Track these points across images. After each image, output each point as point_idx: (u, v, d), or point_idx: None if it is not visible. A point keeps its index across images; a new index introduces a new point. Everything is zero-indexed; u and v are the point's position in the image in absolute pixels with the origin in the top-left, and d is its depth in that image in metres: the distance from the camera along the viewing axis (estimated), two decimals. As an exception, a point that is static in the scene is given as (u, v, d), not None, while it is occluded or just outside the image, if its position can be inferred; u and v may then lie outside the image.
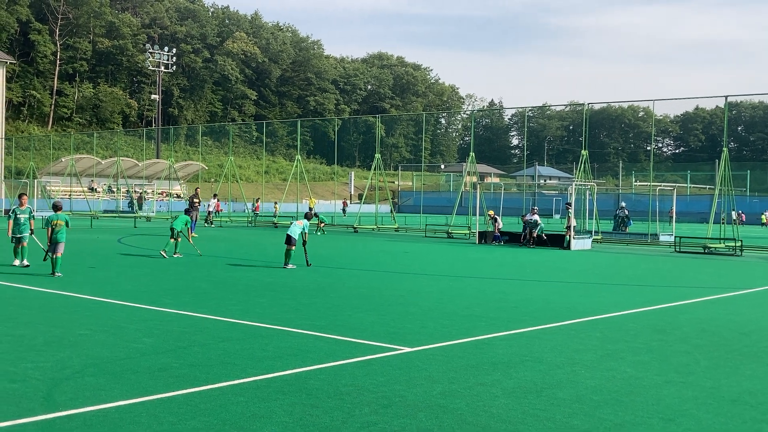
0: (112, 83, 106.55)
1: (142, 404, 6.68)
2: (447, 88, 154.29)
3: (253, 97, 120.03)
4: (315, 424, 6.25)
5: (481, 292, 15.53)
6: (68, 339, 9.57)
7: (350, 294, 14.56)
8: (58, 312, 11.70)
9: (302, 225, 19.52)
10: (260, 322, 11.07)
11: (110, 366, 8.12)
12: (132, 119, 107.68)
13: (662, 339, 10.52)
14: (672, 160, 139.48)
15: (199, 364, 8.30)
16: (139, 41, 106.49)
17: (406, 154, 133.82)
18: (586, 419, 6.61)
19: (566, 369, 8.50)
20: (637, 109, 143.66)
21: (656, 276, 20.18)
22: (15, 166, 71.85)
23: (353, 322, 11.31)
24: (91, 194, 66.65)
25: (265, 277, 17.20)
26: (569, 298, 14.85)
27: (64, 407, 6.52)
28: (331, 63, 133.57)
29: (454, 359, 8.87)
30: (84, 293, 13.76)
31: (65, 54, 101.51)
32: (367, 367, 8.37)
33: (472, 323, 11.45)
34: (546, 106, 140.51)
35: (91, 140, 78.33)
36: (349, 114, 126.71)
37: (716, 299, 15.32)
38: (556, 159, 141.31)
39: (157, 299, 13.16)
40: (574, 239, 29.18)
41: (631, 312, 13.03)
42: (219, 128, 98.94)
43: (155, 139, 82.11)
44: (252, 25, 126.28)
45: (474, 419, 6.51)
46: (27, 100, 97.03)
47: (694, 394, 7.54)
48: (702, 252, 28.73)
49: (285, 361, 8.49)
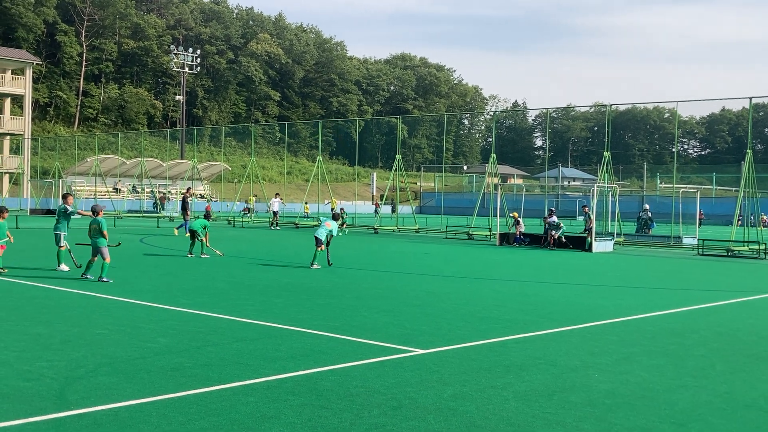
0: (137, 84, 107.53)
1: (153, 404, 6.72)
2: (470, 89, 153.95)
3: (276, 98, 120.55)
4: (323, 425, 6.25)
5: (499, 293, 15.48)
6: (85, 338, 9.66)
7: (366, 295, 14.57)
8: (77, 311, 11.81)
9: (331, 227, 19.59)
10: (275, 322, 11.11)
11: (124, 365, 8.18)
12: (157, 120, 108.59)
13: (679, 342, 10.42)
14: (697, 161, 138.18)
15: (212, 364, 8.34)
16: (164, 42, 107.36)
17: (428, 155, 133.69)
18: (596, 423, 6.55)
19: (580, 372, 8.44)
20: (663, 110, 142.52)
21: (677, 279, 20.00)
22: (41, 166, 72.73)
23: (368, 323, 11.31)
24: (116, 194, 67.26)
25: (282, 277, 17.25)
26: (587, 300, 14.74)
27: (76, 406, 6.58)
28: (354, 64, 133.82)
29: (467, 361, 8.84)
30: (103, 293, 13.88)
31: (91, 55, 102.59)
32: (378, 368, 8.36)
33: (488, 325, 11.40)
34: (570, 107, 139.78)
35: (116, 141, 79.03)
36: (371, 115, 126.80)
37: (737, 303, 15.14)
38: (580, 160, 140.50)
39: (175, 299, 13.25)
40: (595, 241, 28.97)
41: (650, 315, 12.91)
42: (242, 129, 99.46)
43: (179, 140, 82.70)
44: (276, 27, 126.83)
45: (483, 422, 6.48)
46: (53, 100, 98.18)
47: (708, 399, 7.46)
48: (725, 255, 28.42)
49: (297, 362, 8.50)
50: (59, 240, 17.45)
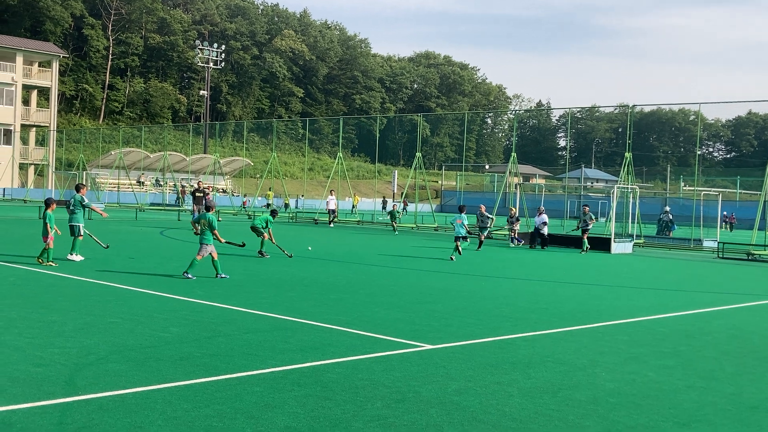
0: (163, 78, 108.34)
1: (160, 391, 6.82)
2: (494, 88, 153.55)
3: (299, 95, 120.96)
4: (326, 416, 6.31)
5: (512, 292, 15.47)
6: (97, 326, 9.79)
7: (379, 291, 14.62)
8: (92, 300, 11.97)
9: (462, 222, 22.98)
10: (287, 315, 11.19)
11: (134, 353, 8.30)
12: (181, 114, 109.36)
13: (690, 344, 10.37)
14: (723, 165, 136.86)
15: (221, 354, 8.43)
16: (189, 37, 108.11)
17: (450, 153, 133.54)
18: (599, 421, 6.56)
19: (587, 371, 8.44)
20: (688, 112, 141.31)
21: (694, 281, 19.87)
22: (66, 158, 73.51)
23: (378, 318, 11.36)
24: (139, 187, 67.84)
25: (298, 271, 17.35)
26: (602, 300, 14.70)
27: (84, 391, 6.69)
28: (377, 61, 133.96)
29: (475, 358, 8.86)
30: (119, 283, 14.04)
31: (117, 49, 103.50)
32: (385, 362, 8.41)
33: (498, 323, 11.42)
34: (594, 108, 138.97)
35: (141, 134, 79.71)
36: (394, 113, 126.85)
37: (752, 306, 15.02)
38: (604, 161, 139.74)
39: (190, 290, 13.37)
40: (615, 243, 28.82)
41: (663, 316, 12.85)
42: (265, 125, 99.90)
43: (203, 135, 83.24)
44: (300, 23, 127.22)
45: (485, 417, 6.51)
46: (79, 93, 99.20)
47: (713, 400, 7.43)
48: (745, 258, 28.16)
49: (305, 354, 8.58)
50: (78, 231, 17.60)
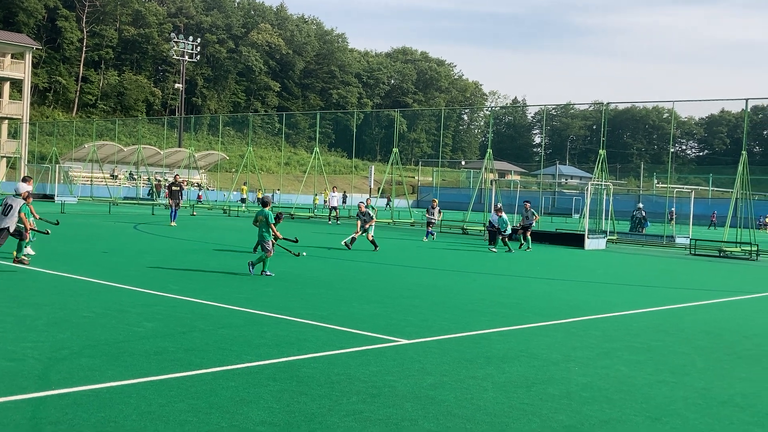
0: (137, 71, 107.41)
1: (134, 386, 6.78)
2: (470, 84, 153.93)
3: (276, 89, 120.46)
4: (301, 410, 6.32)
5: (488, 287, 15.55)
6: (71, 321, 9.72)
7: (357, 286, 14.64)
8: (65, 295, 11.87)
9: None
10: (263, 310, 11.16)
11: (108, 348, 8.25)
12: (156, 107, 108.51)
13: (662, 339, 10.50)
14: (696, 162, 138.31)
15: (196, 349, 8.40)
16: (164, 30, 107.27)
17: (427, 149, 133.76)
18: (572, 415, 6.63)
19: (560, 366, 8.52)
20: (662, 110, 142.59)
21: (667, 277, 20.09)
22: (38, 150, 72.67)
23: (355, 313, 11.37)
24: (113, 181, 67.27)
25: (274, 266, 17.27)
26: (575, 296, 14.83)
27: (57, 386, 6.64)
28: (354, 56, 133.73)
29: (450, 352, 8.91)
30: (93, 277, 13.93)
31: (91, 41, 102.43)
32: (361, 357, 8.43)
33: (474, 318, 11.48)
34: (569, 105, 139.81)
35: (114, 127, 79.02)
36: (371, 108, 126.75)
37: (723, 302, 15.22)
38: (579, 158, 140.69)
39: (165, 285, 13.30)
40: (588, 239, 29.06)
41: (635, 312, 12.99)
42: (241, 119, 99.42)
43: (177, 128, 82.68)
44: (277, 17, 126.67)
45: (460, 411, 6.55)
46: (53, 85, 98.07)
47: (684, 395, 7.53)
48: (717, 255, 28.52)
49: (281, 349, 8.57)
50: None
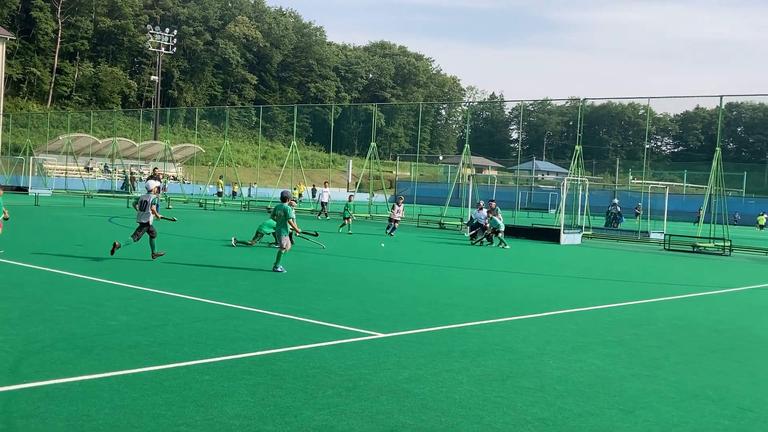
0: (113, 63, 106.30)
1: (107, 379, 6.74)
2: (448, 79, 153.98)
3: (253, 82, 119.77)
4: (276, 404, 6.31)
5: (464, 281, 15.60)
6: (44, 314, 9.62)
7: (333, 280, 14.62)
8: (39, 288, 11.75)
9: None
10: (238, 304, 11.12)
11: (81, 341, 8.18)
12: (131, 100, 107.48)
13: (636, 333, 10.59)
14: (670, 158, 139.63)
15: (170, 342, 8.35)
16: (140, 21, 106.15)
17: (405, 144, 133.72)
18: (546, 408, 6.68)
19: (535, 359, 8.57)
20: (638, 106, 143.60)
21: (641, 272, 20.26)
22: (12, 142, 71.74)
23: (332, 307, 11.36)
24: (87, 173, 66.61)
25: (251, 261, 17.24)
26: (550, 290, 14.91)
27: (29, 379, 6.58)
28: (332, 50, 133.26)
29: (426, 346, 8.93)
30: (67, 270, 13.81)
31: (66, 32, 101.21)
32: (337, 350, 8.43)
33: (450, 312, 11.51)
34: (546, 101, 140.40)
35: (90, 119, 78.18)
36: (349, 102, 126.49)
37: (697, 297, 15.39)
38: (555, 154, 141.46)
39: (140, 279, 13.20)
40: (564, 234, 29.24)
41: (610, 306, 13.10)
42: (218, 111, 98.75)
43: (153, 121, 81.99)
44: (254, 9, 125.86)
45: (435, 404, 6.57)
46: (27, 77, 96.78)
47: (657, 388, 7.61)
48: (691, 251, 28.80)
49: (256, 343, 8.55)
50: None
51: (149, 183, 17.36)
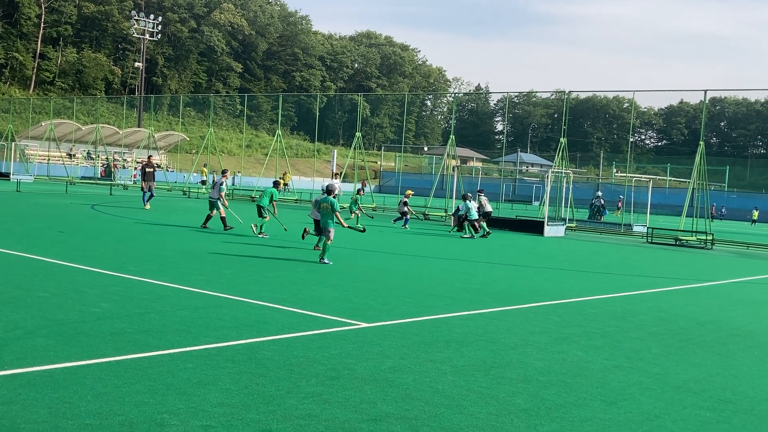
0: (96, 49, 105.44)
1: (89, 366, 6.69)
2: (434, 70, 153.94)
3: (238, 70, 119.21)
4: (259, 392, 6.29)
5: (448, 272, 15.62)
6: (25, 300, 9.54)
7: (317, 269, 14.59)
8: (20, 274, 11.65)
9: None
10: (222, 292, 11.08)
11: (63, 328, 8.11)
12: (115, 86, 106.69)
13: (618, 325, 10.65)
14: (654, 152, 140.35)
15: (153, 330, 8.31)
16: (125, 8, 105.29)
17: (390, 134, 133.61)
18: (529, 398, 6.70)
19: (518, 350, 8.59)
20: (622, 100, 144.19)
21: (624, 265, 20.37)
22: (-7, 128, 71.06)
23: (316, 296, 11.34)
24: (70, 160, 66.09)
25: (235, 249, 17.18)
26: (534, 282, 14.97)
27: (10, 366, 6.52)
28: (318, 39, 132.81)
29: (410, 336, 8.93)
30: (49, 257, 13.70)
31: (50, 17, 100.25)
32: (321, 340, 8.41)
33: (434, 302, 11.52)
34: (532, 93, 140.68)
35: (72, 106, 77.53)
36: (334, 91, 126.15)
37: (679, 290, 15.49)
38: (540, 146, 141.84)
39: (122, 266, 13.12)
40: (548, 226, 29.34)
41: (592, 298, 13.17)
42: (202, 99, 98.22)
43: (137, 108, 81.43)
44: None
45: (418, 394, 6.57)
46: (9, 62, 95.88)
47: (639, 379, 7.65)
48: (673, 244, 28.99)
49: (240, 331, 8.52)
50: None
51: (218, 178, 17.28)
